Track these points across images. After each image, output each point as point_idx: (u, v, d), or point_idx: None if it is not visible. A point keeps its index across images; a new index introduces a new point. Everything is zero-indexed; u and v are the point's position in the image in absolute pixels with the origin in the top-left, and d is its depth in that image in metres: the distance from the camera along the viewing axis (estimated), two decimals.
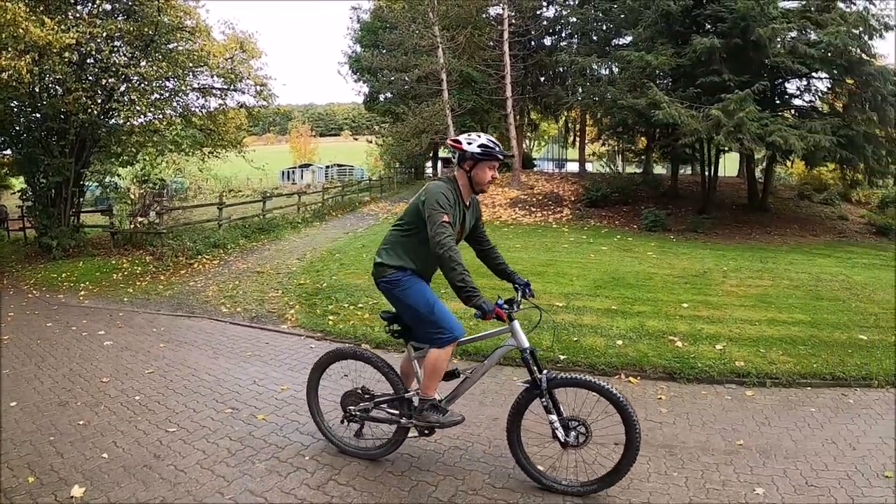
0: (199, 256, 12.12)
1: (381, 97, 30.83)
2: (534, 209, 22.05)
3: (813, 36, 17.87)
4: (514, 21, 24.93)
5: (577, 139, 33.48)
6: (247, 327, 7.50)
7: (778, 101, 20.33)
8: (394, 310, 3.88)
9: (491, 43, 25.41)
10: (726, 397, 5.17)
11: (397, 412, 3.91)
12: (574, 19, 26.73)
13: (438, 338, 3.58)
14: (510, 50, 24.18)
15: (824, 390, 5.61)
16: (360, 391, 4.04)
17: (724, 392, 5.25)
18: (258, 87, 16.52)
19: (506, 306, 3.49)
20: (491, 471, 3.85)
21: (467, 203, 3.73)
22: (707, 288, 9.56)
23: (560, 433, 3.55)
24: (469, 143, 3.61)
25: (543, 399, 3.55)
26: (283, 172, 51.94)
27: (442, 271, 3.50)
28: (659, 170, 29.73)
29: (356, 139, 38.22)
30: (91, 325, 7.69)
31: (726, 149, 19.10)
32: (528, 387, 3.63)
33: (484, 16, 27.28)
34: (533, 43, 28.45)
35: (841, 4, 18.16)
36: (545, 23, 28.45)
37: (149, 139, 15.09)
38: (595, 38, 26.24)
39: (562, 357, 6.05)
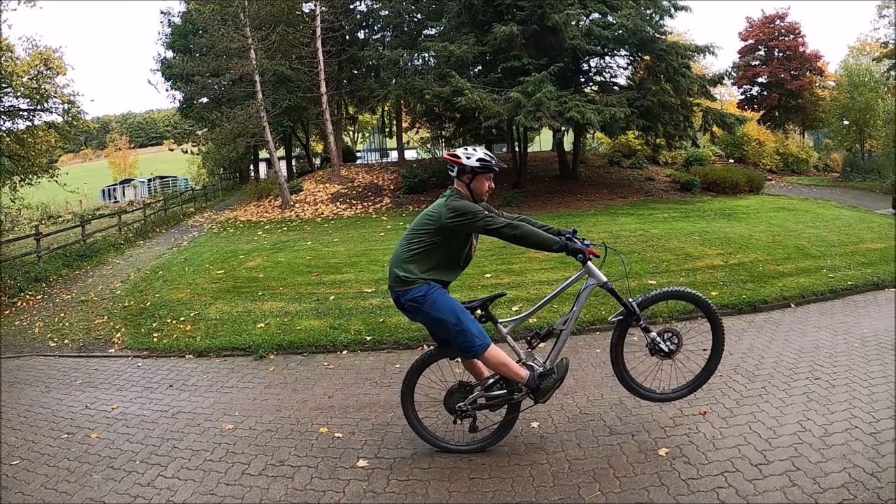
0: (22, 294, 11.68)
1: (196, 103, 29.60)
2: (354, 202, 22.31)
3: (610, 18, 19.45)
4: (326, 17, 24.86)
5: (396, 128, 34.20)
6: (76, 357, 7.66)
7: (583, 80, 21.84)
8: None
9: (306, 40, 25.32)
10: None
11: (505, 390, 4.00)
12: (385, 12, 27.01)
13: (474, 345, 3.74)
14: (323, 46, 24.21)
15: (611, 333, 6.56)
16: (458, 386, 4.09)
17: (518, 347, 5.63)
18: (66, 105, 15.82)
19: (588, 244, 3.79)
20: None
21: None
22: (511, 257, 10.22)
23: (663, 345, 3.94)
24: (468, 158, 3.78)
25: (641, 322, 3.91)
26: (103, 191, 48.08)
27: (526, 245, 3.73)
28: None
29: (171, 150, 36.34)
30: None
31: (535, 127, 20.30)
32: (622, 317, 3.97)
33: (297, 13, 26.90)
34: (347, 37, 28.56)
35: None
36: (358, 17, 28.56)
37: None
38: (406, 29, 26.67)
39: (368, 338, 6.91)
